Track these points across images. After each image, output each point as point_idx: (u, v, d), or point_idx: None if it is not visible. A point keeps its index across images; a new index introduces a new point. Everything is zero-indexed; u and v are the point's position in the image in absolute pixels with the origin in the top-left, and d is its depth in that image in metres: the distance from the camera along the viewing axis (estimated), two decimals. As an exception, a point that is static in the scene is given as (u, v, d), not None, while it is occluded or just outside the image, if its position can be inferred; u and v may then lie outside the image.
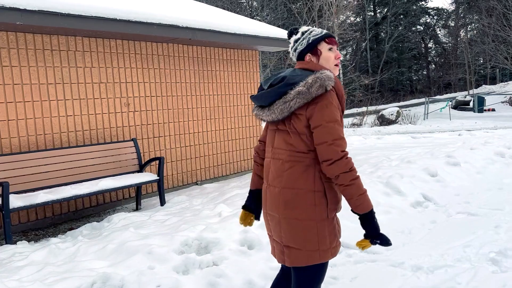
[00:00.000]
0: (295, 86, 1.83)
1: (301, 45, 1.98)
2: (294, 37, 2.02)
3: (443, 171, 5.94)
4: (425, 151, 7.78)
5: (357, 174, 1.84)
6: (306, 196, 1.85)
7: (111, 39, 5.68)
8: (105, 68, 5.65)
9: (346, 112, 20.15)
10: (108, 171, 5.33)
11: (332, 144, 1.79)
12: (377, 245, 1.88)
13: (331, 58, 1.97)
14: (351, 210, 1.86)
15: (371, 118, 20.32)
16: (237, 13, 22.66)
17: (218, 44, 6.84)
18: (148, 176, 5.36)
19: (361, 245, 1.88)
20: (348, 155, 1.84)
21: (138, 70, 6.02)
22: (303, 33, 2.00)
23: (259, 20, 23.93)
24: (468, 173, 6.10)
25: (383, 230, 1.97)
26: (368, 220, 1.84)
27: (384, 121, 19.36)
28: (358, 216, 1.86)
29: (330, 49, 1.98)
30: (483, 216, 4.39)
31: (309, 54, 1.97)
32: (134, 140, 5.68)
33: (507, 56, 26.60)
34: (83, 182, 4.97)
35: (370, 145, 10.50)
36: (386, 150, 8.83)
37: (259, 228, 3.55)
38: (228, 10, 22.38)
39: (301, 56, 1.99)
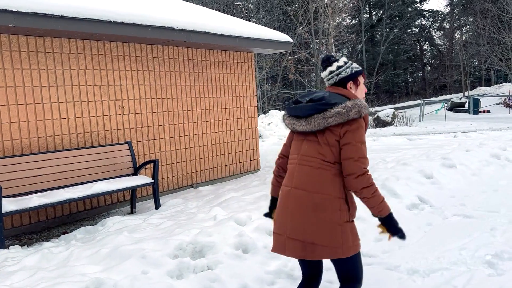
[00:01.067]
0: (335, 107, 2.12)
1: (346, 72, 2.27)
2: (337, 64, 2.28)
3: (438, 173, 5.94)
4: (420, 153, 7.78)
5: (376, 187, 2.13)
6: (333, 201, 2.12)
7: (105, 41, 5.65)
8: (99, 71, 5.61)
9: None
10: (102, 174, 5.29)
11: (357, 160, 2.08)
12: (394, 238, 2.20)
13: (364, 90, 2.36)
14: (372, 214, 2.18)
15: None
16: (233, 15, 22.64)
17: (213, 46, 6.82)
18: (142, 179, 5.32)
19: (382, 233, 2.21)
20: (369, 173, 2.12)
21: (132, 73, 5.98)
22: (345, 62, 2.29)
23: (255, 23, 23.94)
24: (463, 175, 6.09)
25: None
26: (388, 222, 2.17)
27: (380, 123, 19.39)
28: (379, 219, 2.19)
29: (364, 83, 2.35)
30: (478, 218, 4.38)
31: (351, 82, 2.28)
32: (128, 142, 5.64)
33: (501, 58, 26.74)
34: (77, 186, 4.93)
35: (366, 147, 10.49)
36: (381, 152, 8.82)
37: (254, 232, 3.53)
38: (223, 12, 22.35)
39: (341, 82, 2.27)
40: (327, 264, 3.19)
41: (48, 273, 3.00)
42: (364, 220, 4.21)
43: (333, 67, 2.29)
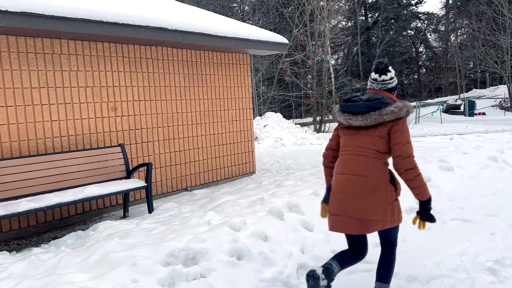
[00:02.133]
0: (389, 106, 2.58)
1: (395, 82, 2.81)
2: (391, 75, 2.77)
3: (436, 176, 5.87)
4: (417, 156, 7.68)
5: (419, 171, 2.53)
6: (385, 184, 2.58)
7: (97, 42, 5.54)
8: (91, 72, 5.50)
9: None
10: (94, 178, 5.17)
11: (404, 145, 2.54)
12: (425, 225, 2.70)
13: None
14: (414, 196, 2.59)
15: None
16: (229, 17, 22.55)
17: (208, 47, 6.72)
18: (135, 182, 5.20)
19: (414, 222, 2.70)
20: (414, 158, 2.54)
21: (126, 74, 5.87)
22: (394, 74, 2.82)
23: (251, 24, 23.81)
24: (461, 178, 6.02)
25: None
26: (426, 205, 2.62)
27: (376, 125, 19.32)
28: (419, 202, 2.62)
29: None
30: (478, 222, 4.30)
31: (395, 91, 2.83)
32: (121, 145, 5.53)
33: (497, 61, 26.78)
34: (68, 190, 4.81)
35: (362, 149, 10.41)
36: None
37: (249, 238, 3.43)
38: (219, 14, 22.23)
39: (387, 89, 2.77)
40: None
41: (35, 281, 2.89)
42: (362, 225, 4.12)
43: (388, 76, 2.74)
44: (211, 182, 7.17)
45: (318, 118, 21.12)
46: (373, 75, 2.77)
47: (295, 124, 17.13)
